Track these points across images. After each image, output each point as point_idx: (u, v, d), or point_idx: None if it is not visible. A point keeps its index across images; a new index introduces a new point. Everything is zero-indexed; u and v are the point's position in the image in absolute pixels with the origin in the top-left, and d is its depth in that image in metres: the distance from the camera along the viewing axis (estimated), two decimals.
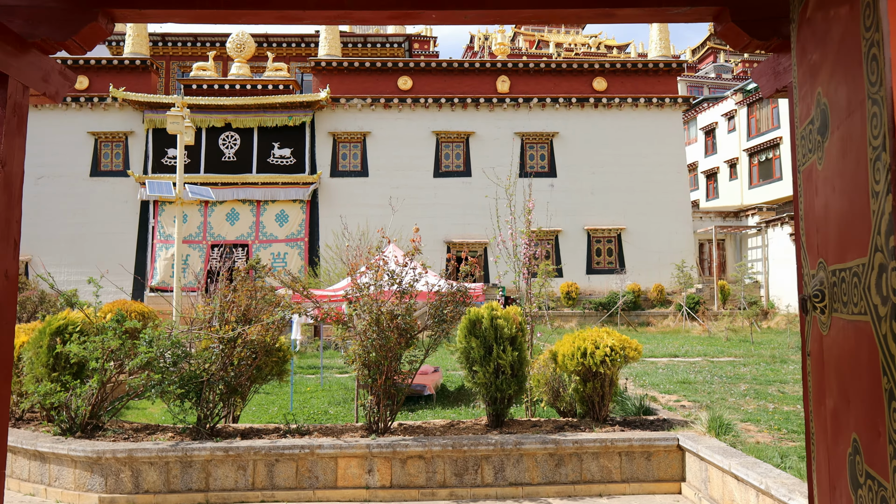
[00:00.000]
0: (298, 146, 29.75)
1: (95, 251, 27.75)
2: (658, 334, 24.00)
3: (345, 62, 30.17)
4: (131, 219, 29.37)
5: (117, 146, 29.91)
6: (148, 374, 7.32)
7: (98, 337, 7.54)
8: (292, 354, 8.60)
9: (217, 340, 7.51)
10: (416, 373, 7.52)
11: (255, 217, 29.47)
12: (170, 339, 7.34)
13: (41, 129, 29.59)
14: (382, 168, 29.53)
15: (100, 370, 7.50)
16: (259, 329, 7.42)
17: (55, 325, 8.44)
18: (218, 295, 7.79)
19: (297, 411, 10.58)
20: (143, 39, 30.49)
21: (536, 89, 30.24)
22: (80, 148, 29.74)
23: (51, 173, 29.55)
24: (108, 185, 29.54)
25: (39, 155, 29.54)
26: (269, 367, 8.15)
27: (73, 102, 29.60)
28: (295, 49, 34.95)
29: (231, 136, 29.73)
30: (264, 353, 7.67)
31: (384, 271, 7.36)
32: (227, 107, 29.13)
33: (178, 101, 14.87)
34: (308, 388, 12.92)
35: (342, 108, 29.97)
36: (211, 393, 7.58)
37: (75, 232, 28.81)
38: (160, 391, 7.22)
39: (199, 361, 7.54)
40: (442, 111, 30.16)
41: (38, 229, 29.07)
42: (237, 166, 29.59)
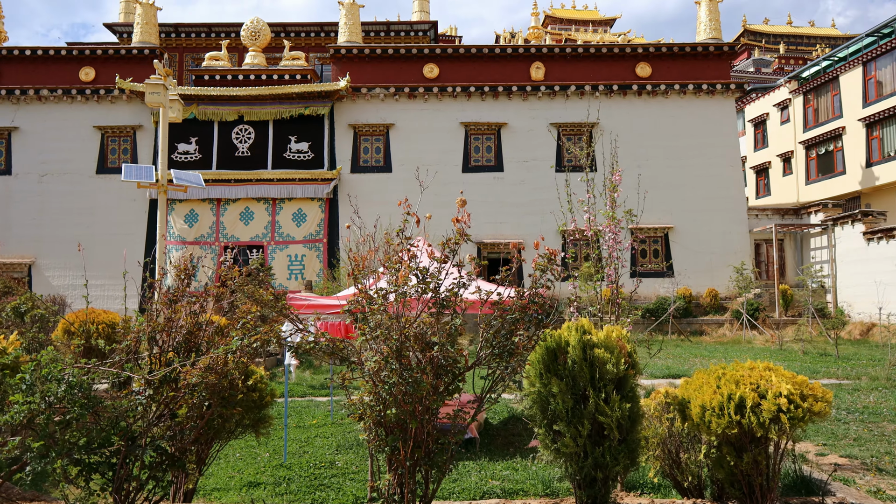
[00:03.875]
0: (317, 140, 26.90)
1: (103, 253, 25.03)
2: (715, 345, 20.67)
3: (366, 49, 27.28)
4: (140, 218, 26.71)
5: (125, 141, 27.30)
6: (22, 441, 4.36)
7: None
8: (271, 395, 5.59)
9: (144, 382, 4.54)
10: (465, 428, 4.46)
11: (271, 216, 26.66)
12: (66, 381, 4.40)
13: (45, 123, 27.10)
14: (407, 162, 26.55)
15: None
16: (210, 362, 4.45)
17: None
18: (148, 310, 4.82)
19: (292, 461, 7.57)
20: (152, 28, 27.87)
21: (574, 76, 27.06)
22: (85, 143, 27.18)
23: (55, 170, 27.02)
24: (115, 183, 26.87)
25: (43, 151, 27.06)
26: (236, 419, 5.17)
27: (79, 95, 27.05)
28: (313, 38, 32.15)
29: (245, 130, 26.98)
30: (220, 400, 4.69)
31: (410, 269, 4.32)
32: (241, 98, 26.37)
33: (159, 68, 12.00)
34: (314, 420, 9.90)
35: (363, 98, 27.07)
36: (135, 466, 4.62)
37: (82, 232, 26.17)
38: (39, 469, 4.27)
39: (116, 415, 4.57)
40: (471, 101, 27.11)
41: (42, 230, 26.56)
42: (251, 161, 26.82)
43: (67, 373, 4.41)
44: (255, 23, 27.77)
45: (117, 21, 31.99)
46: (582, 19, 66.78)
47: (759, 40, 60.03)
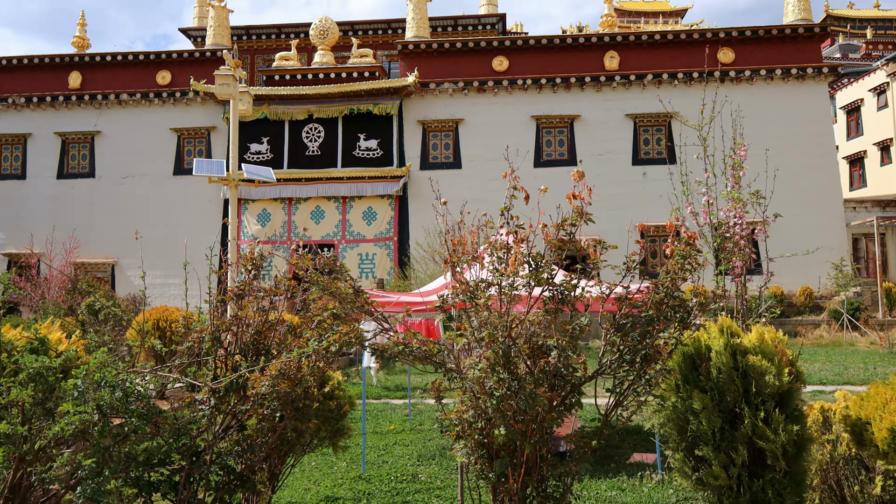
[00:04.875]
0: (385, 137, 26.43)
1: (180, 252, 25.21)
2: (814, 348, 19.00)
3: (434, 43, 26.64)
4: (215, 218, 26.87)
5: (200, 142, 27.55)
6: (73, 456, 3.77)
7: (7, 378, 4.07)
8: (349, 403, 4.89)
9: (209, 391, 3.90)
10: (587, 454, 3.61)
11: (342, 215, 26.35)
12: (121, 389, 3.79)
13: (125, 126, 27.64)
14: (477, 158, 25.75)
15: (12, 440, 4.04)
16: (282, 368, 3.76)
17: None
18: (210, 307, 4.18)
19: (371, 473, 6.89)
20: (224, 31, 28.05)
21: (650, 65, 25.66)
22: (163, 145, 27.57)
23: (135, 172, 27.52)
24: (191, 184, 27.14)
25: (123, 154, 27.59)
26: (312, 432, 4.48)
27: (156, 98, 27.46)
28: (381, 36, 31.77)
29: (315, 129, 26.77)
30: (294, 411, 4.00)
31: (521, 255, 3.51)
32: (310, 96, 26.16)
33: (229, 60, 11.62)
34: (391, 426, 9.22)
35: (432, 93, 26.43)
36: (200, 486, 3.99)
37: (160, 233, 26.51)
38: (94, 489, 3.67)
39: (178, 427, 3.94)
40: (542, 93, 26.08)
41: (123, 230, 27.01)
42: (321, 160, 26.58)
43: (124, 378, 3.80)
44: (323, 22, 27.56)
45: (192, 26, 32.46)
46: (652, 11, 64.52)
47: (844, 25, 56.51)
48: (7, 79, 28.15)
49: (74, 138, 27.80)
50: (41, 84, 27.96)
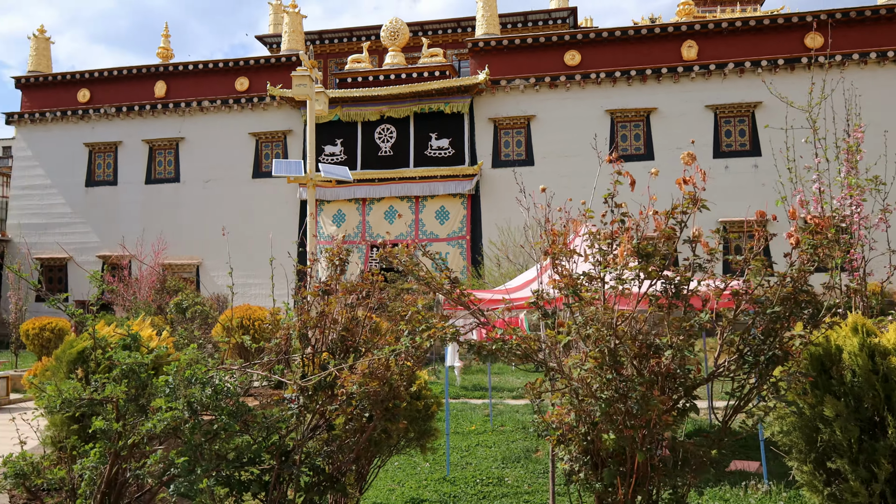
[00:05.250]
0: (457, 136, 26.29)
1: (259, 253, 25.86)
2: None
3: (504, 40, 26.31)
4: (292, 219, 27.45)
5: (277, 146, 28.18)
6: (166, 453, 3.71)
7: (102, 374, 4.07)
8: (437, 403, 4.68)
9: (297, 389, 3.77)
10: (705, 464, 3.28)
11: (415, 214, 26.40)
12: (211, 386, 3.71)
13: (207, 131, 28.57)
14: (549, 155, 25.28)
15: (108, 435, 4.04)
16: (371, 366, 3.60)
17: (76, 349, 5.15)
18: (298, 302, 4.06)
19: (456, 475, 6.69)
20: (298, 36, 28.58)
21: (731, 53, 24.51)
22: (242, 149, 28.35)
23: (216, 176, 28.40)
24: (269, 186, 27.85)
25: (206, 158, 28.53)
26: (399, 433, 4.31)
27: (235, 104, 28.26)
28: (450, 35, 31.66)
29: (387, 129, 26.91)
30: (384, 411, 3.83)
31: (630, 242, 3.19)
32: (382, 97, 26.31)
33: (305, 60, 11.69)
34: (472, 427, 9.00)
35: (503, 90, 26.11)
36: (290, 487, 3.87)
37: (240, 234, 27.24)
38: (187, 486, 3.60)
39: (267, 426, 3.84)
40: (616, 87, 25.34)
41: (206, 232, 27.93)
42: (394, 161, 26.70)
43: (213, 375, 3.72)
44: (393, 23, 27.68)
45: (267, 33, 33.27)
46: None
47: None
48: (100, 90, 29.59)
49: (160, 145, 28.95)
50: (130, 94, 29.25)
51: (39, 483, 4.37)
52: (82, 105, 29.55)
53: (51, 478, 4.35)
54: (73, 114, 29.46)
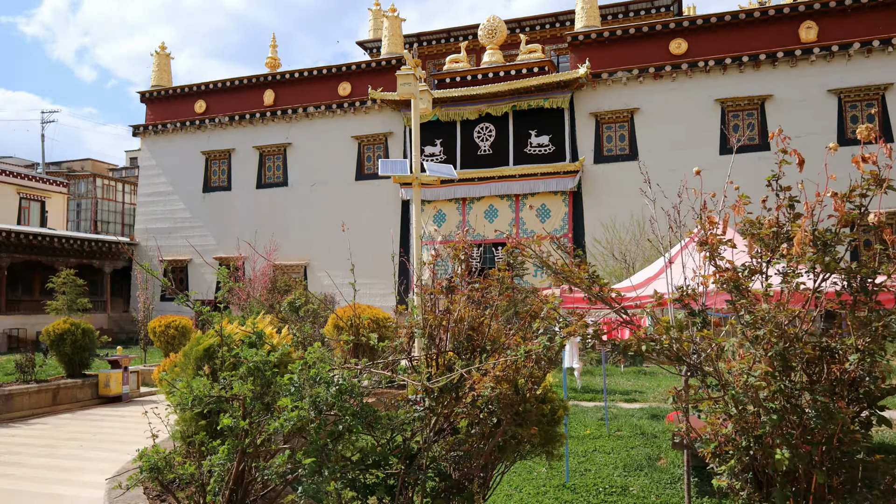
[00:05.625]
0: (557, 132, 25.74)
1: (363, 253, 26.43)
2: None
3: (605, 32, 25.50)
4: (394, 220, 27.83)
5: (378, 148, 28.66)
6: (290, 454, 3.64)
7: (228, 371, 4.08)
8: (566, 408, 4.40)
9: (421, 389, 3.61)
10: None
11: (515, 213, 26.10)
12: (336, 385, 3.61)
13: (312, 136, 29.46)
14: (655, 148, 24.25)
15: (235, 433, 4.04)
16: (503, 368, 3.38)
17: (203, 347, 5.25)
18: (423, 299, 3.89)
19: (575, 481, 6.37)
20: (398, 39, 28.93)
21: (855, 32, 22.59)
22: (345, 152, 29.04)
23: (322, 179, 29.24)
24: (371, 188, 28.40)
25: (311, 162, 29.43)
26: (525, 438, 4.06)
27: (338, 108, 28.98)
28: (548, 30, 31.07)
29: (486, 128, 26.74)
30: (513, 416, 3.60)
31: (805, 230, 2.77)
32: (481, 96, 26.17)
33: (408, 59, 11.68)
34: (587, 431, 8.63)
35: (604, 84, 25.31)
36: (415, 492, 3.72)
37: (344, 235, 27.93)
38: (310, 491, 3.51)
39: (391, 428, 3.70)
40: (727, 74, 23.97)
41: (313, 234, 28.79)
42: (493, 159, 26.51)
43: (337, 374, 3.62)
44: (491, 21, 27.47)
45: (367, 38, 33.92)
46: None
47: None
48: (214, 101, 31.18)
49: (270, 151, 30.13)
50: (241, 103, 30.64)
51: (171, 478, 4.45)
52: (199, 115, 31.24)
53: (181, 472, 4.41)
54: (191, 124, 31.19)
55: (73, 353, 13.80)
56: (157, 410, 5.63)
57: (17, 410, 12.35)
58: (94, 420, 12.05)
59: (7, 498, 7.10)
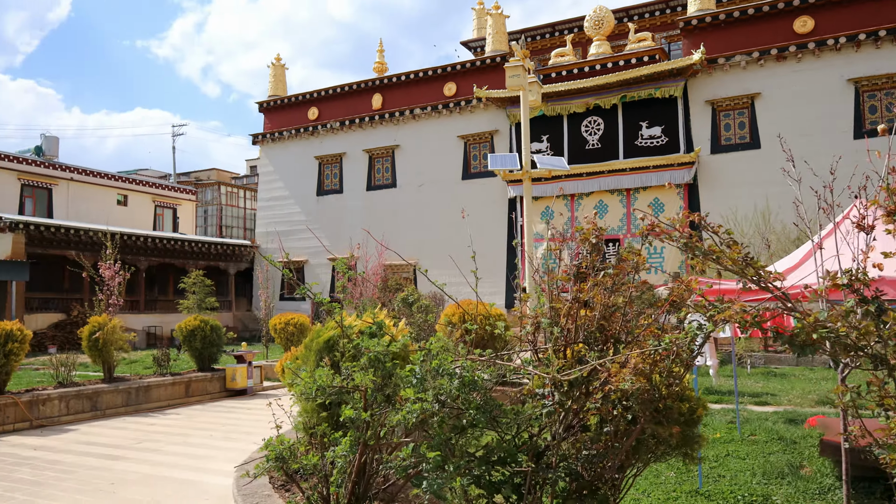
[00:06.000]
0: (670, 123, 24.59)
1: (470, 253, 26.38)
2: None
3: (721, 14, 24.07)
4: (500, 218, 27.64)
5: (484, 146, 28.56)
6: (414, 447, 3.51)
7: (351, 361, 4.01)
8: (704, 407, 4.01)
9: (550, 383, 3.37)
10: None
11: (626, 208, 25.19)
12: (459, 377, 3.45)
13: (419, 138, 29.80)
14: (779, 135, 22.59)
15: (356, 425, 3.97)
16: (639, 362, 3.09)
17: (323, 339, 5.26)
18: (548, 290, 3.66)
19: (709, 488, 5.89)
20: (502, 36, 28.72)
21: None
22: (451, 152, 29.15)
23: (429, 180, 29.52)
24: (478, 187, 28.35)
25: (418, 163, 29.78)
26: (663, 438, 3.73)
27: (444, 108, 29.15)
28: (658, 17, 29.79)
29: (594, 122, 25.99)
30: (652, 413, 3.29)
31: None
32: (588, 89, 25.46)
33: (516, 49, 11.41)
34: (717, 434, 8.04)
35: (721, 70, 23.90)
36: (544, 492, 3.48)
37: (451, 235, 28.03)
38: (436, 486, 3.36)
39: (518, 423, 3.49)
40: (861, 51, 21.96)
41: (421, 233, 29.12)
42: (602, 153, 25.71)
43: (460, 366, 3.46)
44: (598, 11, 26.66)
45: (471, 38, 33.94)
46: None
47: None
48: (326, 107, 32.25)
49: (378, 153, 30.79)
50: (351, 108, 31.51)
51: (295, 467, 4.47)
52: (312, 122, 32.43)
53: (305, 463, 4.41)
54: (305, 130, 32.43)
55: (203, 349, 14.59)
56: (280, 402, 5.73)
57: (154, 401, 13.19)
58: (223, 412, 12.66)
59: (148, 480, 7.51)
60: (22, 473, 7.91)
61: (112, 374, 13.20)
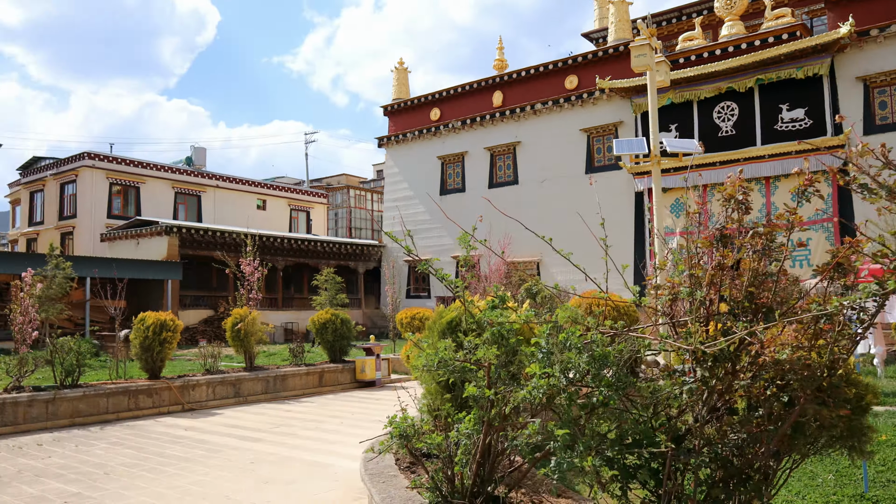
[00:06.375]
0: (814, 104, 22.57)
1: (595, 248, 25.63)
2: None
3: None
4: (627, 212, 26.63)
5: (608, 139, 27.65)
6: (541, 426, 3.29)
7: (475, 337, 3.87)
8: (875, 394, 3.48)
9: (690, 357, 3.05)
10: None
11: (765, 197, 23.44)
12: (588, 352, 3.19)
13: (540, 133, 29.37)
14: None
15: (480, 403, 3.83)
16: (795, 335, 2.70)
17: (445, 320, 5.17)
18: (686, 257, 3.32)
19: (876, 494, 5.21)
20: (625, 25, 27.66)
21: None
22: (574, 146, 28.48)
23: (551, 175, 29.02)
24: (602, 180, 27.46)
25: (540, 159, 29.36)
26: (827, 423, 3.28)
27: (565, 102, 28.53)
28: None
29: (727, 107, 24.39)
30: (813, 393, 2.87)
31: None
32: (720, 73, 23.91)
33: (642, 28, 10.81)
34: (883, 437, 7.14)
35: (874, 42, 21.61)
36: (686, 478, 3.16)
37: (575, 230, 27.22)
38: (566, 465, 3.12)
39: (654, 403, 3.19)
40: None
41: (545, 230, 28.55)
42: (736, 140, 24.06)
43: (591, 339, 3.21)
44: None
45: (593, 29, 33.02)
46: None
47: None
48: (447, 107, 32.61)
49: (500, 150, 30.68)
50: (471, 107, 31.64)
51: (420, 447, 4.40)
52: (434, 123, 32.90)
53: (429, 442, 4.33)
54: (427, 131, 32.95)
55: (334, 341, 15.12)
56: (408, 389, 5.73)
57: (290, 389, 13.81)
58: (352, 401, 13.02)
59: (283, 461, 7.81)
60: (174, 451, 8.50)
61: (252, 364, 13.98)
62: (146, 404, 11.48)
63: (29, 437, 9.60)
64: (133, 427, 10.33)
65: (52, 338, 11.35)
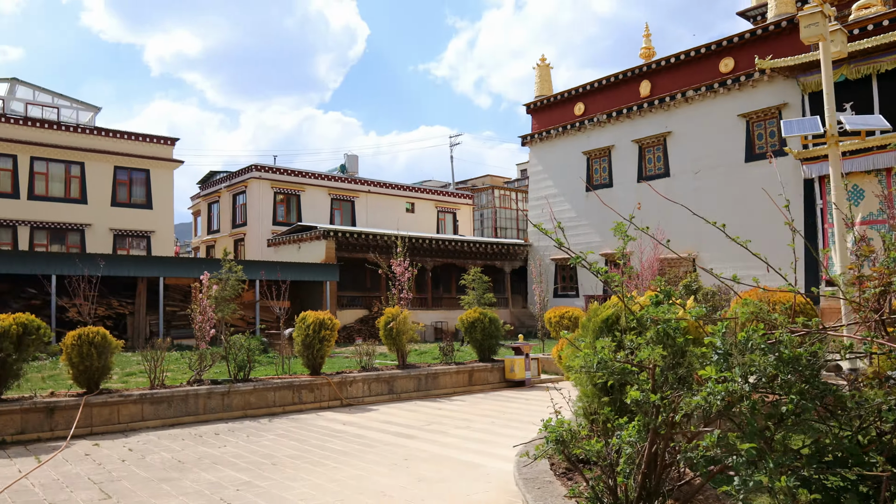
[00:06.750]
0: None
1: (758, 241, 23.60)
2: None
3: None
4: (794, 201, 24.28)
5: (770, 123, 25.41)
6: (719, 438, 2.88)
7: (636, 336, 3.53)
8: None
9: None
10: None
11: None
12: (773, 353, 2.74)
13: (692, 121, 27.64)
14: None
15: (644, 409, 3.47)
16: None
17: (601, 317, 4.83)
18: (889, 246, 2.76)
19: None
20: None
21: None
22: (731, 134, 26.48)
23: (705, 165, 27.22)
24: (763, 169, 25.29)
25: (693, 149, 27.64)
26: None
27: (720, 87, 26.60)
28: None
29: None
30: None
31: None
32: None
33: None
34: None
35: None
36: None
37: (735, 222, 25.33)
38: (752, 484, 2.69)
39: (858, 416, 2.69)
40: None
41: (700, 224, 26.91)
42: None
43: (779, 338, 2.76)
44: None
45: (749, 7, 30.54)
46: None
47: None
48: (591, 101, 31.67)
49: (649, 142, 29.26)
50: (617, 99, 30.46)
51: (577, 453, 4.11)
52: (578, 118, 32.07)
53: (587, 448, 4.03)
54: (571, 126, 32.19)
55: (483, 339, 15.09)
56: (560, 390, 5.45)
57: (441, 388, 13.95)
58: (502, 401, 12.88)
59: (435, 459, 7.81)
60: (334, 444, 8.81)
61: (405, 361, 14.29)
62: (308, 399, 12.08)
63: (208, 426, 10.42)
64: (296, 420, 10.89)
65: (226, 335, 12.30)
